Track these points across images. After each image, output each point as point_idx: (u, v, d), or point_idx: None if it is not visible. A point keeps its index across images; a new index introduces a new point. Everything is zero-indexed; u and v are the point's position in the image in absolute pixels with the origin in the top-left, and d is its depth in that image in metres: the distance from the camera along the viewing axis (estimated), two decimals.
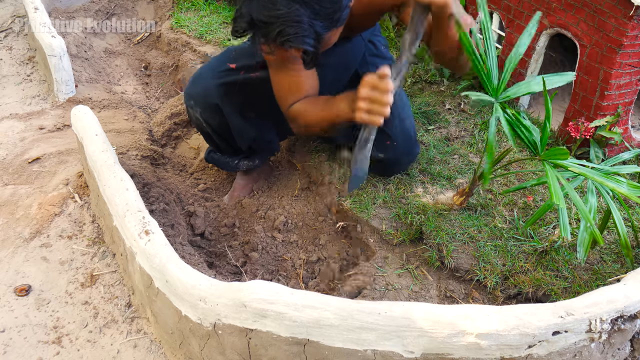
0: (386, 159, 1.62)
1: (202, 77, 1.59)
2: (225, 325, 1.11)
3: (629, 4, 1.55)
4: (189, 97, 1.61)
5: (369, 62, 1.69)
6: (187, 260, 1.38)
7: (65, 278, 1.54)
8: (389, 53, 1.77)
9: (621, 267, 1.43)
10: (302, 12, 1.13)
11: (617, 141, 1.74)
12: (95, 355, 1.34)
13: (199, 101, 1.59)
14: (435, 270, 1.49)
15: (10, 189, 1.86)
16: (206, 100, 1.57)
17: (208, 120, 1.62)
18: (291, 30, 1.13)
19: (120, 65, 2.77)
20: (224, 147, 1.74)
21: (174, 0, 3.08)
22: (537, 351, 1.06)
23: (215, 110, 1.59)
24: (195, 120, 1.65)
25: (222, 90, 1.56)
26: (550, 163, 1.25)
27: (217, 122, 1.62)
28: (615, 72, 1.66)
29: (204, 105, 1.58)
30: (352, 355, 1.07)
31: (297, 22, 1.13)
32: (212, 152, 1.82)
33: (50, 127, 2.21)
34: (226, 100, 1.57)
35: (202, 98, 1.58)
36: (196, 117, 1.63)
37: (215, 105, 1.57)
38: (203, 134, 1.72)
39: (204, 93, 1.57)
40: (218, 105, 1.57)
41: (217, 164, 1.84)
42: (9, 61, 2.63)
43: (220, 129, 1.65)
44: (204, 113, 1.60)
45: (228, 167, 1.81)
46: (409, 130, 1.63)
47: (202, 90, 1.58)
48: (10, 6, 3.03)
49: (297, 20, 1.13)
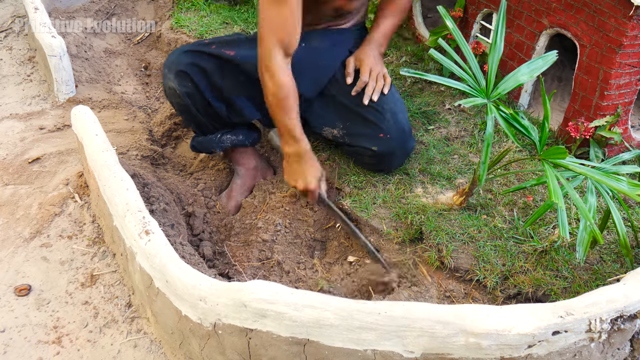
0: (380, 152, 1.65)
1: (175, 50, 1.71)
2: (225, 325, 1.11)
3: (629, 4, 1.55)
4: (164, 67, 1.69)
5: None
6: (187, 260, 1.38)
7: (66, 278, 1.54)
8: None
9: (621, 267, 1.43)
10: None
11: (617, 141, 1.74)
12: (96, 355, 1.34)
13: (171, 69, 1.66)
14: (435, 270, 1.49)
15: (11, 189, 1.86)
16: (177, 67, 1.64)
17: (181, 88, 1.66)
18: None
19: (120, 65, 2.77)
20: (202, 121, 1.74)
21: (174, 0, 3.08)
22: (537, 351, 1.06)
23: (186, 76, 1.64)
24: (169, 91, 1.70)
25: (190, 57, 1.65)
26: (550, 162, 1.25)
27: (189, 90, 1.66)
28: (615, 72, 1.66)
29: (175, 72, 1.64)
30: (352, 355, 1.07)
31: None
32: (195, 137, 1.84)
33: (50, 127, 2.22)
34: (194, 67, 1.64)
35: (173, 65, 1.65)
36: (169, 86, 1.68)
37: (184, 71, 1.64)
38: (180, 112, 1.75)
39: (175, 61, 1.65)
40: (186, 70, 1.64)
41: (202, 149, 1.83)
42: (9, 61, 2.64)
43: (194, 99, 1.68)
44: (175, 80, 1.65)
45: (212, 144, 1.80)
46: (402, 123, 1.66)
47: (173, 59, 1.66)
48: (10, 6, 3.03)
49: None
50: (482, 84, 1.34)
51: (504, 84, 1.34)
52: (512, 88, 1.34)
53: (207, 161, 2.03)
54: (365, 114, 1.66)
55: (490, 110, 1.28)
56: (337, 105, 1.73)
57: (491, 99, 1.31)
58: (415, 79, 2.26)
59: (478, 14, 2.12)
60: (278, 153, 1.99)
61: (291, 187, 1.67)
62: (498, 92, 1.32)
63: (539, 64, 1.33)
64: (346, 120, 1.71)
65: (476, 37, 2.18)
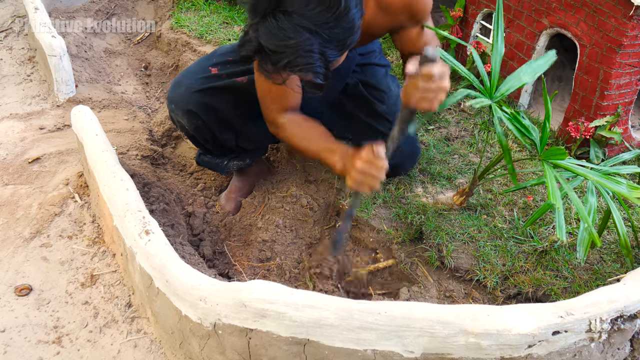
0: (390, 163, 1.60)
1: (181, 83, 1.58)
2: (225, 325, 1.11)
3: (629, 4, 1.55)
4: (170, 101, 1.59)
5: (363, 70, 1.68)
6: (187, 260, 1.38)
7: (65, 278, 1.54)
8: (383, 59, 1.75)
9: (621, 267, 1.43)
10: (313, 41, 1.05)
11: (617, 141, 1.74)
12: (96, 355, 1.34)
13: (179, 106, 1.57)
14: (435, 270, 1.49)
15: (10, 189, 1.86)
16: (186, 106, 1.56)
17: (189, 125, 1.60)
18: (302, 60, 1.06)
19: (120, 65, 2.77)
20: (210, 148, 1.71)
21: (174, 0, 3.08)
22: (537, 351, 1.06)
23: (195, 115, 1.57)
24: (178, 124, 1.64)
25: (200, 97, 1.54)
26: (550, 163, 1.25)
27: (198, 125, 1.60)
28: (615, 72, 1.66)
29: (183, 110, 1.56)
30: (352, 355, 1.07)
31: (309, 52, 1.06)
32: (202, 154, 1.79)
33: (50, 127, 2.22)
34: (204, 107, 1.55)
35: (182, 104, 1.56)
36: (178, 120, 1.62)
37: (194, 111, 1.56)
38: (188, 136, 1.69)
39: (183, 99, 1.56)
40: (196, 111, 1.56)
41: (208, 167, 1.80)
42: (9, 61, 2.64)
43: (203, 133, 1.62)
44: (184, 118, 1.58)
45: (219, 168, 1.78)
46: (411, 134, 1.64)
47: (181, 97, 1.56)
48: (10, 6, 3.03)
49: (308, 50, 1.06)
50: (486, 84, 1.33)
51: (507, 84, 1.33)
52: (516, 88, 1.33)
53: None
54: (377, 125, 1.63)
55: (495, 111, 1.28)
56: (346, 116, 1.68)
57: (495, 99, 1.31)
58: None
59: (478, 14, 2.12)
60: (278, 152, 1.99)
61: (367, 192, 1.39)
62: (502, 92, 1.32)
63: (540, 64, 1.33)
64: (356, 131, 1.65)
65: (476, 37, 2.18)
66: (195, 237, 1.68)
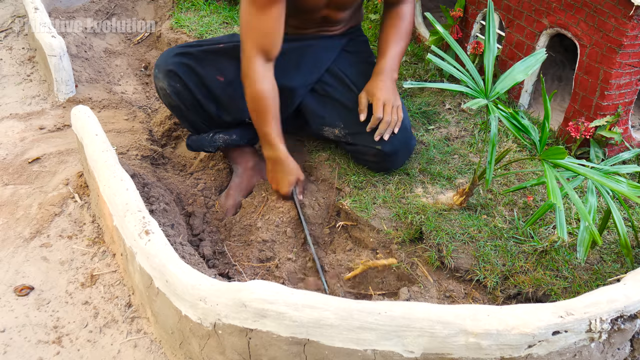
0: (384, 151, 1.66)
1: (167, 50, 1.73)
2: (225, 325, 1.11)
3: (629, 4, 1.55)
4: (155, 67, 1.70)
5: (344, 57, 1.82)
6: (187, 260, 1.38)
7: (65, 278, 1.54)
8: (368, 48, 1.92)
9: (621, 267, 1.43)
10: None
11: (617, 141, 1.74)
12: (96, 355, 1.34)
13: (160, 68, 1.67)
14: (435, 270, 1.49)
15: (10, 189, 1.86)
16: (166, 66, 1.66)
17: (170, 88, 1.67)
18: None
19: (120, 65, 2.77)
20: (193, 119, 1.76)
21: (174, 0, 3.08)
22: (537, 351, 1.06)
23: (175, 77, 1.66)
24: (160, 92, 1.72)
25: (180, 58, 1.66)
26: (550, 163, 1.25)
27: (178, 90, 1.67)
28: (615, 72, 1.66)
29: (164, 72, 1.66)
30: (352, 355, 1.07)
31: None
32: (189, 136, 1.86)
33: (50, 127, 2.22)
34: (183, 67, 1.66)
35: (162, 65, 1.67)
36: (159, 86, 1.70)
37: (174, 71, 1.65)
38: (171, 108, 1.76)
39: (164, 62, 1.68)
40: (176, 70, 1.65)
41: (195, 147, 1.85)
42: (9, 61, 2.64)
43: (183, 98, 1.69)
44: (164, 80, 1.67)
45: (205, 143, 1.81)
46: (404, 122, 1.68)
47: (162, 59, 1.69)
48: (10, 6, 3.03)
49: None
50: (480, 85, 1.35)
51: (501, 83, 1.36)
52: (510, 87, 1.36)
53: (207, 161, 2.03)
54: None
55: (493, 110, 1.29)
56: (336, 105, 1.74)
57: (490, 98, 1.33)
58: (414, 79, 2.26)
59: (478, 14, 2.12)
60: None
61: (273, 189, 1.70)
62: (496, 91, 1.34)
63: (531, 62, 1.37)
64: (347, 119, 1.71)
65: (476, 37, 2.18)
66: (195, 237, 1.68)
